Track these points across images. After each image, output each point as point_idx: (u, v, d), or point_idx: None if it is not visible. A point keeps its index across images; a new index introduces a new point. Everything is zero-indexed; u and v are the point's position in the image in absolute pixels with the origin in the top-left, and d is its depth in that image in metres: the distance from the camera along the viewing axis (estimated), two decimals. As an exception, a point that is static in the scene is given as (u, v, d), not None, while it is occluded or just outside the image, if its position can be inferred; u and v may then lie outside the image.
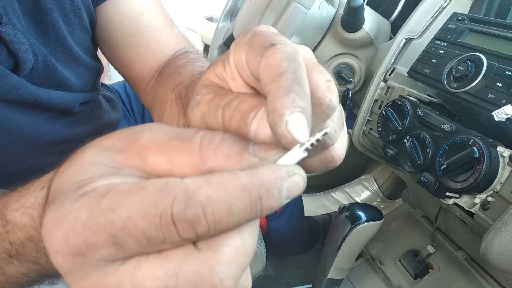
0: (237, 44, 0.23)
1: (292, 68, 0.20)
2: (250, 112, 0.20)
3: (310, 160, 0.24)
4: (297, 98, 0.19)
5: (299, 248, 1.22)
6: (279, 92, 0.19)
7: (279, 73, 0.20)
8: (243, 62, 0.23)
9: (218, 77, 0.25)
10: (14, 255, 0.27)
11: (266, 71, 0.20)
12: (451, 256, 0.91)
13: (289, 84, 0.19)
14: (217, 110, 0.22)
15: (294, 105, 0.19)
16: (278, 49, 0.20)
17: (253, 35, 0.22)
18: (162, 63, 0.61)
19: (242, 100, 0.21)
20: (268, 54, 0.20)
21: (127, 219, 0.17)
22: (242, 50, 0.23)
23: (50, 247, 0.18)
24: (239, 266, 0.18)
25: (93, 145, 0.21)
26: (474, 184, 0.54)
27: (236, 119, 0.21)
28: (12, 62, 0.45)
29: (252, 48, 0.22)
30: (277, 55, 0.20)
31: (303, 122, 0.19)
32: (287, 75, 0.19)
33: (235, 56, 0.23)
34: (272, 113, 0.19)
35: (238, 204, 0.17)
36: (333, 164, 0.25)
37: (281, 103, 0.19)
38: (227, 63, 0.24)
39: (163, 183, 0.18)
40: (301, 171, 0.19)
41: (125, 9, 0.57)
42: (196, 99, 0.24)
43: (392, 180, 1.42)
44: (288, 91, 0.19)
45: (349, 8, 0.75)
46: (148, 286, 0.17)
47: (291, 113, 0.19)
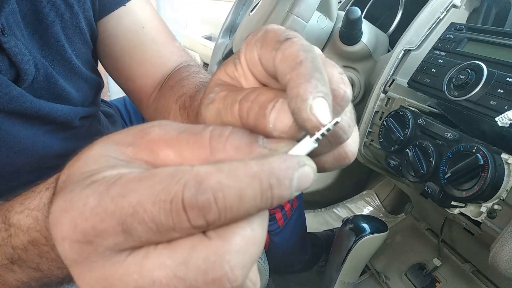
0: (248, 43, 0.23)
1: (310, 58, 0.20)
2: (268, 103, 0.21)
3: (324, 158, 0.24)
4: (318, 84, 0.19)
5: (302, 265, 1.20)
6: (300, 78, 0.19)
7: (297, 62, 0.20)
8: (255, 59, 0.23)
9: (229, 77, 0.25)
10: (16, 260, 0.26)
11: (283, 62, 0.21)
12: (458, 269, 0.89)
13: (310, 71, 0.20)
14: (234, 104, 0.22)
15: (317, 90, 0.19)
16: (294, 41, 0.21)
17: (265, 32, 0.23)
18: (164, 76, 0.61)
19: (259, 93, 0.22)
20: (284, 47, 0.21)
21: (137, 205, 0.17)
22: (254, 47, 0.23)
23: (57, 234, 0.18)
24: (249, 257, 0.18)
25: (102, 140, 0.21)
26: (480, 192, 0.53)
27: (254, 111, 0.21)
28: (14, 73, 0.45)
29: (266, 43, 0.22)
30: (294, 47, 0.21)
31: (326, 106, 0.19)
32: (306, 63, 0.20)
33: (247, 54, 0.24)
34: (295, 98, 0.19)
35: (249, 191, 0.17)
36: (347, 161, 0.25)
37: (304, 88, 0.19)
38: (238, 62, 0.24)
39: (174, 170, 0.17)
40: (312, 162, 0.19)
41: (128, 23, 0.58)
42: (210, 97, 0.24)
43: (394, 195, 1.41)
44: (309, 77, 0.19)
45: (347, 21, 0.76)
46: (157, 275, 0.17)
47: (314, 97, 0.19)
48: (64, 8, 0.50)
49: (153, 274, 0.17)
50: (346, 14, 0.75)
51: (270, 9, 0.77)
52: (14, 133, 0.47)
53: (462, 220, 0.62)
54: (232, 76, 0.25)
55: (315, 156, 0.24)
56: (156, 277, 0.17)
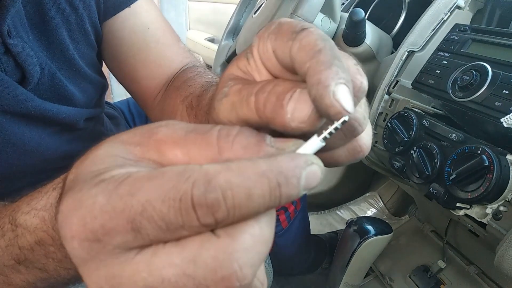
0: (261, 36, 0.23)
1: (329, 46, 0.20)
2: (286, 94, 0.20)
3: (339, 152, 0.24)
4: (339, 71, 0.19)
5: (305, 267, 1.20)
6: (320, 65, 0.19)
7: (316, 50, 0.20)
8: (269, 52, 0.23)
9: (242, 71, 0.25)
10: (23, 261, 0.26)
11: (301, 51, 0.20)
12: (463, 271, 0.89)
13: (330, 59, 0.19)
14: (250, 96, 0.22)
15: (338, 77, 0.19)
16: (311, 31, 0.21)
17: (278, 25, 0.23)
18: (169, 77, 0.61)
19: (276, 84, 0.21)
20: (301, 37, 0.21)
21: (146, 203, 0.17)
22: (268, 40, 0.23)
23: (66, 233, 0.18)
24: (258, 255, 0.18)
25: (110, 140, 0.21)
26: (485, 193, 0.53)
27: (272, 102, 0.21)
28: (19, 74, 0.45)
29: (281, 35, 0.22)
30: (311, 36, 0.20)
31: (348, 93, 0.19)
32: (326, 51, 0.20)
33: (260, 47, 0.23)
34: (317, 85, 0.19)
35: (257, 190, 0.17)
36: (361, 154, 0.25)
37: (325, 75, 0.19)
38: (251, 56, 0.24)
39: (182, 169, 0.17)
40: (319, 162, 0.19)
41: (132, 25, 0.58)
42: (224, 91, 0.24)
43: (397, 197, 1.41)
44: (330, 64, 0.19)
45: (351, 22, 0.76)
46: (166, 273, 0.17)
47: (336, 84, 0.19)
48: (69, 10, 0.50)
49: (162, 272, 0.17)
50: (350, 15, 0.75)
51: (274, 11, 0.77)
52: (20, 134, 0.47)
53: (467, 222, 0.62)
54: (244, 70, 0.25)
55: (329, 150, 0.24)
56: (165, 275, 0.17)
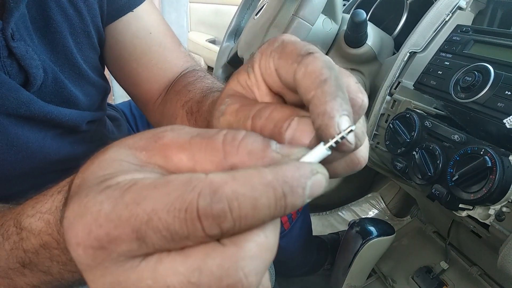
0: (263, 52, 0.24)
1: (334, 76, 0.20)
2: (284, 122, 0.21)
3: (337, 164, 0.24)
4: (343, 103, 0.20)
5: (307, 268, 1.20)
6: (326, 96, 0.20)
7: (322, 80, 0.20)
8: (271, 69, 0.23)
9: (241, 86, 0.25)
10: (27, 264, 0.27)
11: (307, 78, 0.21)
12: (466, 272, 0.89)
13: (335, 90, 0.20)
14: (246, 120, 0.22)
15: (342, 109, 0.20)
16: (317, 57, 0.21)
17: (282, 43, 0.23)
18: (170, 81, 0.61)
19: (273, 110, 0.22)
20: (307, 62, 0.21)
21: (152, 212, 0.17)
22: (270, 58, 0.23)
23: (71, 239, 0.18)
24: (263, 263, 0.18)
25: (116, 144, 0.21)
26: (488, 194, 0.53)
27: (269, 129, 0.21)
28: (23, 77, 0.45)
29: (285, 55, 0.22)
30: (317, 63, 0.21)
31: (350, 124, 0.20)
32: (331, 81, 0.20)
33: (262, 63, 0.24)
34: (322, 116, 0.20)
35: (263, 200, 0.17)
36: (359, 166, 0.25)
37: (331, 106, 0.20)
38: (251, 71, 0.24)
39: (188, 178, 0.17)
40: (324, 170, 0.19)
41: (135, 29, 0.58)
42: (221, 109, 0.24)
43: (399, 198, 1.40)
44: (335, 96, 0.20)
45: (353, 24, 0.76)
46: (170, 281, 0.17)
47: (340, 116, 0.20)
48: (73, 13, 0.50)
49: (166, 280, 0.17)
50: (351, 16, 0.75)
51: (276, 13, 0.77)
52: (23, 137, 0.47)
53: (470, 223, 0.62)
54: (244, 85, 0.25)
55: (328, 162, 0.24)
56: (169, 283, 0.17)
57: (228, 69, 1.00)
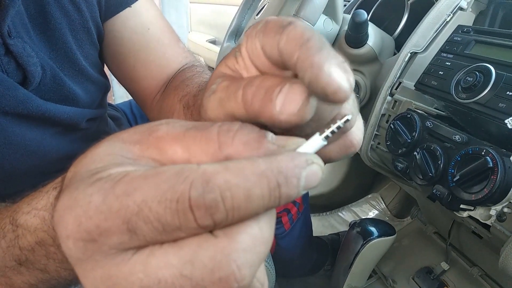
0: (249, 35, 0.23)
1: (317, 36, 0.20)
2: (275, 87, 0.20)
3: (330, 148, 0.24)
4: (331, 53, 0.19)
5: (307, 269, 1.20)
6: (310, 50, 0.19)
7: (305, 39, 0.20)
8: (257, 49, 0.23)
9: (230, 69, 0.25)
10: (23, 262, 0.26)
11: (290, 43, 0.20)
12: (466, 273, 0.88)
13: (319, 44, 0.19)
14: (237, 90, 0.21)
15: (331, 57, 0.19)
16: (297, 24, 0.21)
17: (265, 22, 0.23)
18: (169, 77, 0.61)
19: (264, 78, 0.21)
20: (287, 30, 0.20)
21: (142, 203, 0.16)
22: (256, 38, 0.22)
23: (61, 232, 0.18)
24: (257, 255, 0.17)
25: (109, 139, 0.21)
26: (489, 195, 0.53)
27: (260, 95, 0.20)
28: (21, 75, 0.45)
29: (268, 31, 0.22)
30: (298, 28, 0.20)
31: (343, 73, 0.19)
32: (314, 39, 0.19)
33: (248, 45, 0.23)
34: (310, 68, 0.19)
35: (257, 190, 0.17)
36: (353, 149, 0.25)
37: (318, 57, 0.19)
38: (239, 55, 0.24)
39: (180, 168, 0.17)
40: (320, 161, 0.19)
41: (133, 25, 0.58)
42: (212, 88, 0.24)
43: (399, 198, 1.40)
44: (320, 48, 0.19)
45: (353, 24, 0.76)
46: (162, 274, 0.16)
47: (330, 64, 0.18)
48: (72, 9, 0.50)
49: (158, 273, 0.17)
50: (352, 17, 0.75)
51: (276, 13, 0.77)
52: (21, 135, 0.47)
53: (471, 224, 0.62)
54: (233, 68, 0.25)
55: None
56: (161, 276, 0.17)
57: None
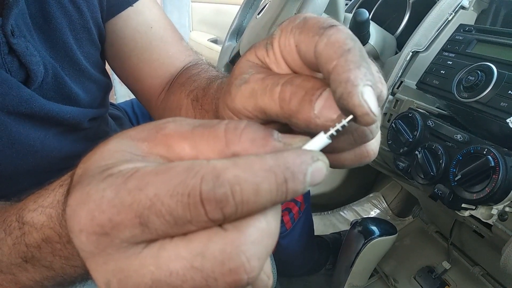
0: (284, 29, 0.23)
1: (358, 47, 0.20)
2: (316, 90, 0.20)
3: (345, 155, 0.24)
4: (367, 73, 0.19)
5: (309, 268, 1.20)
6: (349, 65, 0.19)
7: (346, 49, 0.20)
8: (291, 46, 0.23)
9: (260, 60, 0.25)
10: (30, 259, 0.26)
11: (329, 47, 0.20)
12: (468, 272, 0.88)
13: (359, 60, 0.19)
14: (275, 86, 0.22)
15: (366, 78, 0.19)
16: (340, 29, 0.21)
17: (304, 19, 0.22)
18: (173, 76, 0.61)
19: (305, 79, 0.21)
20: (329, 33, 0.20)
21: (155, 197, 0.17)
22: (291, 34, 0.22)
23: (74, 226, 0.18)
24: (265, 248, 0.18)
25: (118, 136, 0.21)
26: (491, 194, 0.53)
27: (299, 96, 0.21)
28: (23, 74, 0.45)
29: (306, 29, 0.22)
30: (340, 34, 0.20)
31: (374, 96, 0.19)
32: (355, 51, 0.20)
33: (281, 40, 0.23)
34: (345, 83, 0.19)
35: (265, 185, 0.17)
36: (367, 159, 0.25)
37: (355, 75, 0.19)
38: (271, 48, 0.24)
39: (190, 164, 0.17)
40: (325, 158, 0.19)
41: (135, 24, 0.58)
42: (244, 77, 0.24)
43: (401, 197, 1.40)
44: (359, 65, 0.19)
45: (355, 23, 0.75)
46: (174, 266, 0.17)
47: (364, 85, 0.19)
48: (72, 9, 0.50)
49: (169, 266, 0.17)
50: (354, 16, 0.75)
51: (278, 12, 0.77)
52: (24, 134, 0.47)
53: (473, 223, 0.62)
54: (263, 60, 0.25)
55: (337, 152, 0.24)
56: (172, 269, 0.17)
57: (230, 68, 1.00)
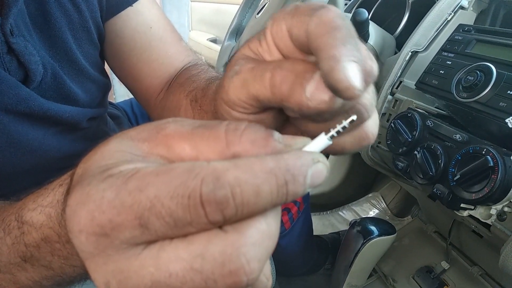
0: (276, 18, 0.23)
1: (347, 25, 0.20)
2: (306, 73, 0.20)
3: (344, 138, 0.24)
4: (354, 49, 0.19)
5: (308, 268, 1.20)
6: (336, 41, 0.19)
7: (333, 27, 0.20)
8: (283, 32, 0.23)
9: (253, 52, 0.25)
10: (29, 258, 0.26)
11: (318, 26, 0.20)
12: (467, 272, 0.88)
13: (345, 37, 0.19)
14: (265, 72, 0.22)
15: (352, 54, 0.19)
16: (330, 9, 0.21)
17: (295, 6, 0.23)
18: (172, 76, 0.61)
19: (295, 63, 0.21)
20: (320, 13, 0.21)
21: (155, 199, 0.17)
22: (283, 21, 0.23)
23: (74, 226, 0.18)
24: (265, 250, 0.18)
25: (118, 136, 0.21)
26: (490, 194, 0.53)
27: (290, 79, 0.21)
28: (22, 73, 0.45)
29: (298, 14, 0.22)
30: (330, 13, 0.20)
31: (358, 71, 0.19)
32: (343, 29, 0.20)
33: (273, 28, 0.23)
34: (328, 59, 0.19)
35: (265, 187, 0.17)
36: (367, 142, 0.25)
37: (339, 51, 0.19)
38: (263, 38, 0.24)
39: (191, 165, 0.17)
40: (325, 160, 0.19)
41: (135, 24, 0.58)
42: (235, 69, 0.24)
43: (400, 197, 1.40)
44: (345, 42, 0.19)
45: (354, 23, 0.75)
46: (173, 268, 0.17)
47: (349, 60, 0.19)
48: (72, 8, 0.50)
49: (169, 267, 0.17)
50: (353, 16, 0.75)
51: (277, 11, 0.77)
52: (23, 134, 0.47)
53: (471, 223, 0.62)
54: (255, 51, 0.25)
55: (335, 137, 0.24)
56: (172, 270, 0.17)
57: (229, 68, 1.00)
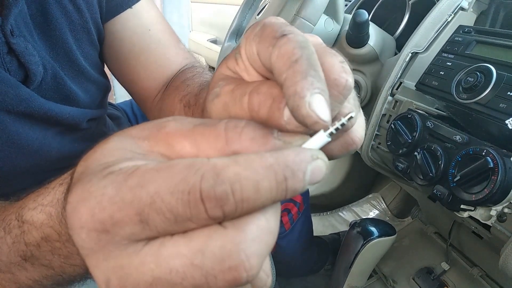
0: (248, 37, 0.23)
1: (306, 55, 0.20)
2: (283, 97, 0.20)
3: (331, 146, 0.24)
4: (315, 81, 0.19)
5: (308, 268, 1.20)
6: (296, 76, 0.19)
7: (293, 60, 0.20)
8: (254, 54, 0.23)
9: (231, 71, 0.25)
10: (29, 257, 0.26)
11: (279, 60, 0.20)
12: (467, 273, 0.88)
13: (305, 69, 0.19)
14: (243, 96, 0.22)
15: (313, 87, 0.19)
16: (290, 38, 0.21)
17: (262, 26, 0.23)
18: (169, 78, 0.61)
19: (271, 86, 0.21)
20: (280, 44, 0.21)
21: (155, 195, 0.17)
22: (253, 42, 0.23)
23: (74, 223, 0.18)
24: (264, 245, 0.18)
25: (118, 134, 0.21)
26: (490, 195, 0.53)
27: (267, 104, 0.21)
28: (22, 74, 0.45)
29: (263, 39, 0.22)
30: (289, 44, 0.20)
31: (324, 102, 0.19)
32: (302, 61, 0.20)
33: (246, 48, 0.23)
34: (293, 96, 0.19)
35: (265, 183, 0.17)
36: (354, 147, 0.25)
37: (301, 86, 0.19)
38: (239, 56, 0.24)
39: (191, 162, 0.18)
40: (324, 156, 0.19)
41: (133, 26, 0.58)
42: (215, 91, 0.24)
43: (400, 198, 1.40)
44: (305, 75, 0.19)
45: (354, 24, 0.76)
46: (174, 264, 0.17)
47: (311, 94, 0.19)
48: (72, 9, 0.50)
49: (169, 263, 0.17)
50: (353, 17, 0.75)
51: (277, 12, 0.77)
52: (23, 134, 0.47)
53: (471, 224, 0.62)
54: (233, 70, 0.25)
55: None
56: (172, 266, 0.17)
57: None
